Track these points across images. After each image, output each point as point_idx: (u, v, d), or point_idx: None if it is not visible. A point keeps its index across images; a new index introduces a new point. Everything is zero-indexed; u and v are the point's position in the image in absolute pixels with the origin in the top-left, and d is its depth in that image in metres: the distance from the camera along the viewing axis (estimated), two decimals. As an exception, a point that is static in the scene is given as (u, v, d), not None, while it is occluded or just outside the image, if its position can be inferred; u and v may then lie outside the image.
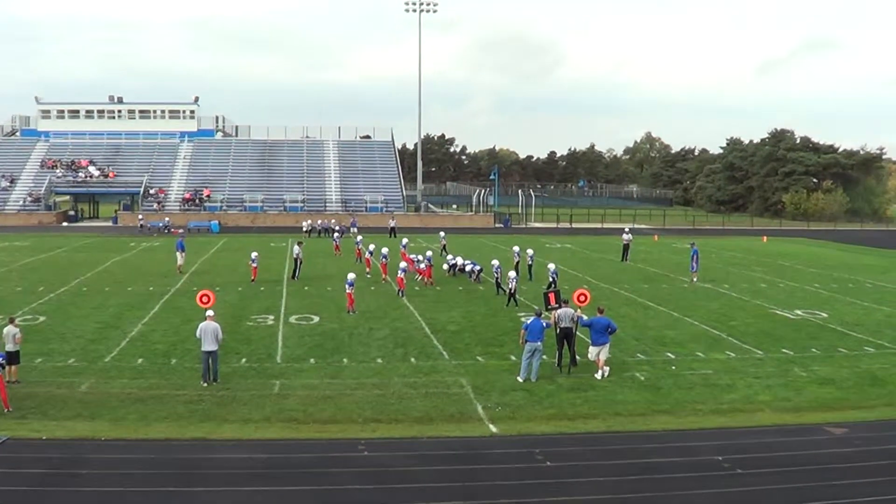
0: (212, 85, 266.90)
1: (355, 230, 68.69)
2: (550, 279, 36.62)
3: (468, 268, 41.63)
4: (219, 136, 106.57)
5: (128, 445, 16.62)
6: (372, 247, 45.76)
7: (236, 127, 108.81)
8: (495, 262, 38.54)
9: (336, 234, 57.58)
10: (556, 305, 23.93)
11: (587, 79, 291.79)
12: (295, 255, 42.02)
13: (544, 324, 22.09)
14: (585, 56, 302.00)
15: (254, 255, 41.83)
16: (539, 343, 21.66)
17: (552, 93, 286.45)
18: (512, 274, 34.82)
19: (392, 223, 72.25)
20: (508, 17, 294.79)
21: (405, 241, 49.17)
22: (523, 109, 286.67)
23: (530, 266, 41.83)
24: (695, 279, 42.11)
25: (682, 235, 79.63)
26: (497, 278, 37.11)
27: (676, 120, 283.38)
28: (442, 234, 57.41)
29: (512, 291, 33.78)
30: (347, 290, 31.93)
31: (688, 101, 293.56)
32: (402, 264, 37.49)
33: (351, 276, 32.95)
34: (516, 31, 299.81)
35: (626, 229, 57.84)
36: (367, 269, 42.17)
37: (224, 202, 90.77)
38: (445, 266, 43.06)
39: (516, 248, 44.50)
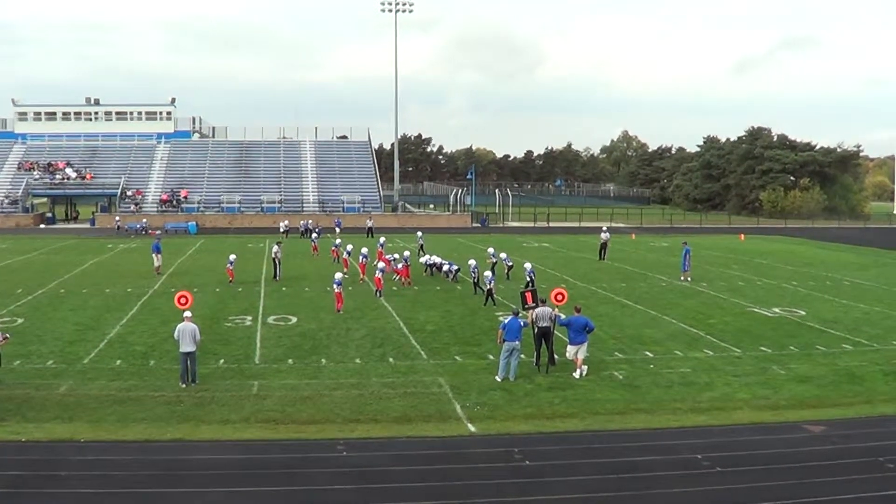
0: (188, 86, 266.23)
1: (339, 230, 68.61)
2: (527, 278, 36.69)
3: (445, 268, 41.68)
4: (195, 137, 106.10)
5: (107, 447, 16.53)
6: (350, 247, 45.79)
7: (213, 128, 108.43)
8: (472, 262, 38.64)
9: (314, 235, 57.55)
10: (534, 304, 23.97)
11: (565, 78, 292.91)
12: (273, 255, 41.94)
13: (522, 323, 22.12)
14: (564, 55, 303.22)
15: (232, 257, 41.81)
16: (517, 342, 21.68)
17: (530, 92, 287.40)
18: (488, 274, 34.93)
19: (369, 223, 72.18)
20: (486, 16, 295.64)
21: (382, 240, 49.20)
22: (500, 109, 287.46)
23: (510, 267, 41.91)
24: (687, 278, 42.28)
25: (659, 234, 79.98)
26: (475, 279, 37.19)
27: (653, 119, 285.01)
28: (419, 233, 57.44)
29: (489, 290, 33.84)
30: (336, 290, 31.90)
31: (665, 99, 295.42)
32: (380, 264, 37.50)
33: (338, 275, 32.97)
34: (494, 31, 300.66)
35: (604, 228, 58.12)
36: (345, 270, 42.10)
37: (201, 203, 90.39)
38: (422, 262, 43.23)
39: (491, 250, 44.60)
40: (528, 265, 37.87)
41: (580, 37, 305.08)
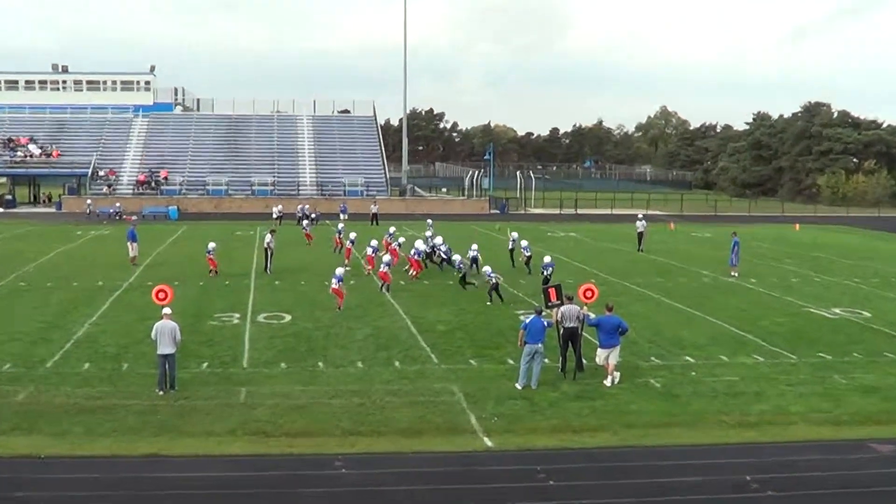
0: (170, 53, 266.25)
1: (345, 217, 68.58)
2: (543, 273, 36.55)
3: (455, 257, 41.83)
4: (178, 110, 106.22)
5: (71, 463, 16.49)
6: (353, 235, 45.42)
7: (198, 100, 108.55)
8: (474, 248, 40.06)
9: (306, 222, 57.59)
10: (559, 302, 23.83)
11: (596, 48, 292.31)
12: (266, 245, 41.91)
13: (545, 323, 22.01)
14: (594, 21, 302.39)
15: (211, 245, 41.56)
16: (540, 345, 21.58)
17: (555, 63, 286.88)
18: (487, 269, 34.95)
19: (374, 209, 72.07)
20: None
21: (392, 230, 48.71)
22: (523, 82, 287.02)
23: (528, 258, 41.87)
24: (735, 273, 42.13)
25: (701, 223, 79.72)
26: (464, 273, 37.00)
27: (696, 93, 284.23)
28: (429, 221, 57.34)
29: (493, 286, 33.65)
30: (334, 286, 31.82)
31: (709, 71, 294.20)
32: (386, 257, 37.43)
33: (340, 270, 32.91)
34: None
35: (640, 216, 57.80)
36: (347, 262, 42.07)
37: (184, 185, 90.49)
38: (418, 249, 43.29)
39: (514, 235, 44.70)
40: (546, 258, 37.71)
41: (612, 1, 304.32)
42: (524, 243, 43.10)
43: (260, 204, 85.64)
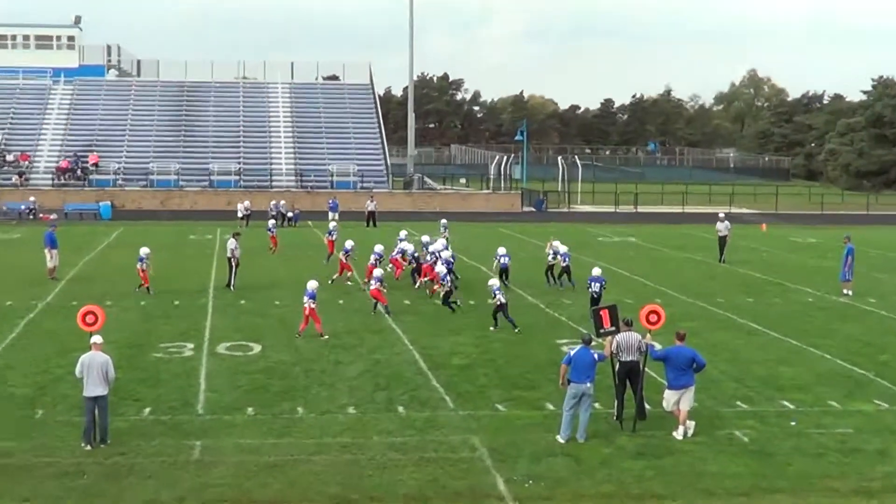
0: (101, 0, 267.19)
1: (335, 216, 68.71)
2: (591, 292, 36.42)
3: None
4: (111, 74, 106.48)
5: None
6: (350, 244, 45.06)
7: (138, 62, 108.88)
8: (502, 253, 41.17)
9: (272, 222, 57.56)
10: (613, 329, 23.74)
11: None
12: (229, 254, 41.90)
13: (596, 356, 22.01)
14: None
15: (144, 252, 41.17)
16: (588, 385, 21.57)
17: (607, 14, 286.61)
18: (494, 282, 34.85)
19: (371, 206, 72.08)
20: None
21: (404, 233, 48.07)
22: (565, 38, 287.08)
23: (565, 268, 42.11)
24: (849, 291, 42.14)
25: (803, 225, 79.52)
26: (449, 285, 37.02)
27: (795, 53, 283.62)
28: (443, 222, 57.23)
29: (499, 306, 33.63)
30: (307, 305, 31.87)
31: (812, 23, 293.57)
32: (376, 271, 37.05)
33: (312, 284, 32.96)
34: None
35: (721, 215, 57.49)
36: (336, 275, 42.19)
37: (119, 174, 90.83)
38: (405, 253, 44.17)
39: (557, 245, 44.05)
40: (595, 271, 37.44)
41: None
42: (562, 249, 43.11)
43: (221, 199, 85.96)
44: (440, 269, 38.16)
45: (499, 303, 33.68)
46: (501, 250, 42.53)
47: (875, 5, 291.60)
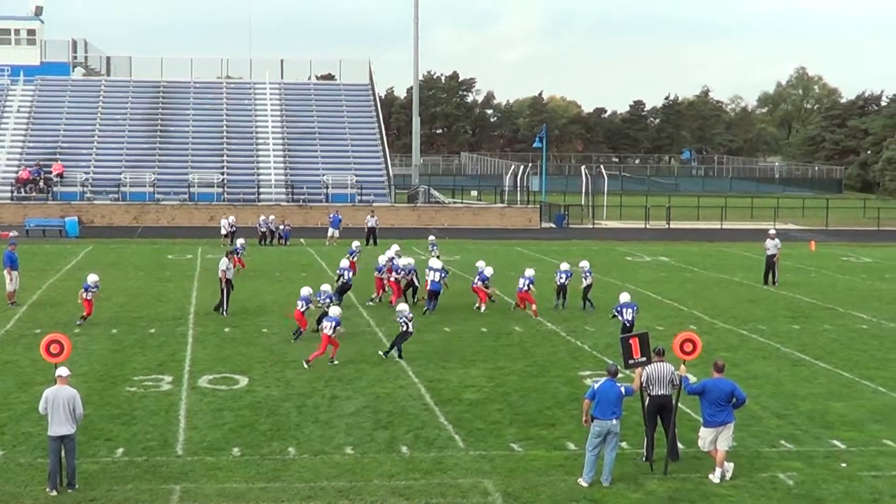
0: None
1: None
2: (622, 318, 35.87)
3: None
4: (78, 73, 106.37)
5: None
6: (356, 244, 45.18)
7: (107, 59, 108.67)
8: (529, 276, 40.42)
9: (239, 244, 55.20)
10: (644, 359, 23.74)
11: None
12: (221, 274, 41.91)
13: (623, 389, 22.06)
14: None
15: (91, 279, 40.69)
16: (615, 421, 21.62)
17: (637, 6, 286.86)
18: (403, 307, 34.38)
19: (371, 221, 72.06)
20: None
21: (410, 261, 47.28)
22: (589, 33, 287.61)
23: (587, 289, 42.66)
24: None
25: (858, 242, 79.38)
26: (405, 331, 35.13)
27: (850, 47, 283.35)
28: (432, 238, 57.18)
29: (403, 334, 33.77)
30: (299, 307, 32.08)
31: (869, 14, 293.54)
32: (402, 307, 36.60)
33: (306, 290, 33.03)
34: None
35: (772, 232, 57.17)
36: (375, 294, 42.77)
37: (87, 186, 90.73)
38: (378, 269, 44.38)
39: (564, 266, 44.12)
40: (624, 297, 36.64)
41: None
42: (584, 265, 43.41)
43: (202, 214, 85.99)
44: (402, 307, 35.54)
45: (404, 330, 33.64)
46: (530, 273, 42.78)
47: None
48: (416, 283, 43.72)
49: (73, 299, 44.75)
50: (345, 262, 44.25)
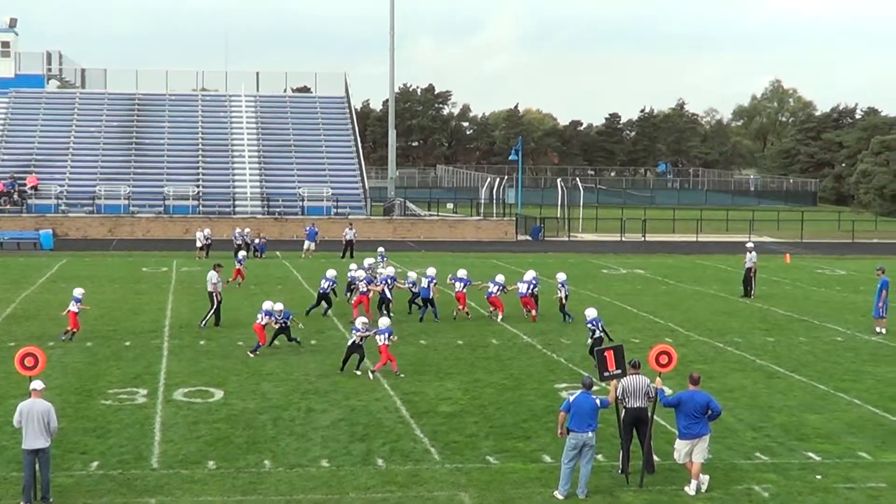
0: (40, 1, 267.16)
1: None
2: (590, 332, 35.80)
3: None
4: (52, 85, 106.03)
5: None
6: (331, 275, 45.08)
7: (82, 71, 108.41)
8: (531, 278, 41.54)
9: (242, 253, 56.90)
10: (619, 371, 23.77)
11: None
12: (211, 288, 41.95)
13: (599, 402, 22.06)
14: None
15: (78, 293, 40.60)
16: (590, 434, 21.64)
17: (613, 20, 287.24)
18: (361, 320, 34.32)
19: (350, 234, 71.92)
20: None
21: (389, 271, 47.51)
22: (566, 46, 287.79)
23: (564, 300, 42.83)
24: (883, 329, 42.39)
25: (832, 255, 79.61)
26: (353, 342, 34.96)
27: (824, 60, 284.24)
28: (381, 250, 56.86)
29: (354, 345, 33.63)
30: (259, 320, 32.31)
31: (844, 28, 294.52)
32: (360, 322, 36.11)
33: (267, 304, 33.03)
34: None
35: (750, 244, 57.18)
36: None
37: (62, 198, 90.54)
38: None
39: (529, 275, 44.37)
40: (590, 312, 36.20)
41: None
42: (561, 277, 43.54)
43: (177, 227, 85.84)
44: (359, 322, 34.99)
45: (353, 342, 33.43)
46: (531, 274, 43.96)
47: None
48: (390, 297, 43.62)
49: (48, 312, 44.87)
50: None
